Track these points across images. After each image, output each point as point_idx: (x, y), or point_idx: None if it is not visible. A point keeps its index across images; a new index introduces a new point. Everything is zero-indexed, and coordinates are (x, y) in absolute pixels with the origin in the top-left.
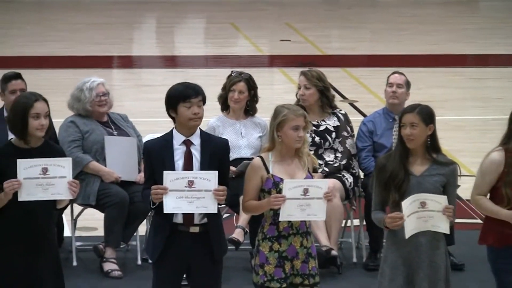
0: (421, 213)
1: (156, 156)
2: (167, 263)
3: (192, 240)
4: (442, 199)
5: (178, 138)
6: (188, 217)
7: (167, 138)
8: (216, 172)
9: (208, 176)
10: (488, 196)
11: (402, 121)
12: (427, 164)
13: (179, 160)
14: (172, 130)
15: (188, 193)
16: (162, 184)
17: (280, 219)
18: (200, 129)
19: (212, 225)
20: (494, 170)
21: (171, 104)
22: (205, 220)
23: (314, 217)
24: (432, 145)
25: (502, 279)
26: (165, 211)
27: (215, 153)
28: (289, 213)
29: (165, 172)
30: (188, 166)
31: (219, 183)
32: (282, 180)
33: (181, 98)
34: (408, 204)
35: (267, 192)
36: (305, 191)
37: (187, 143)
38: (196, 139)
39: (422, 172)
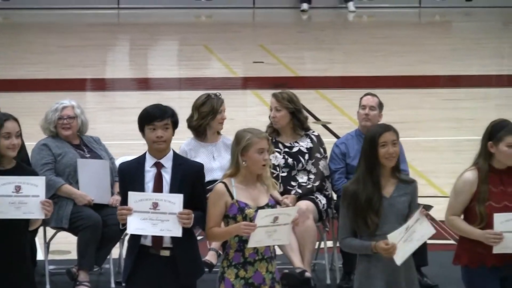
0: (405, 236)
1: (128, 178)
2: (137, 285)
3: (161, 263)
4: (416, 212)
5: (149, 161)
6: (157, 240)
7: (140, 160)
8: (181, 195)
9: (173, 199)
10: (462, 217)
11: (382, 141)
12: (393, 184)
13: (149, 183)
14: (145, 152)
15: (152, 215)
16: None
17: (249, 245)
18: (173, 151)
19: (180, 248)
20: (467, 190)
21: (139, 126)
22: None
23: (279, 241)
24: (397, 164)
25: None
26: (128, 231)
27: (187, 176)
28: (257, 239)
29: (129, 193)
30: (157, 188)
31: (194, 207)
32: (247, 205)
33: (146, 120)
34: (397, 235)
35: (231, 218)
36: (275, 218)
37: (158, 166)
38: (167, 162)
39: (391, 193)
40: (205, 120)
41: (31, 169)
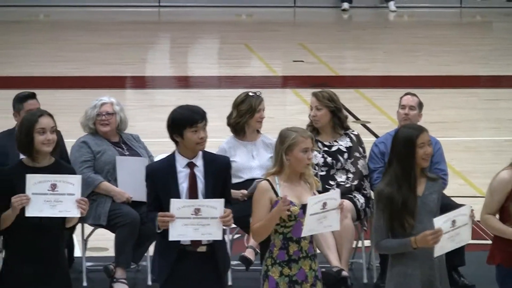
0: (451, 233)
1: (160, 179)
2: (175, 285)
3: (198, 259)
4: (466, 210)
5: (181, 161)
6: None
7: (170, 161)
8: (223, 200)
9: (215, 204)
10: (497, 216)
11: (421, 141)
12: (423, 183)
13: (183, 183)
14: (174, 152)
15: (194, 221)
16: (168, 208)
17: (303, 234)
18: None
19: (216, 243)
20: (502, 189)
21: (176, 129)
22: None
23: (330, 227)
24: None
25: None
26: (170, 238)
27: (219, 173)
28: (310, 228)
29: (172, 200)
30: (192, 188)
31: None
32: (291, 202)
33: (187, 123)
34: (442, 222)
35: None
36: (324, 204)
37: (191, 166)
38: (199, 161)
39: (423, 192)
40: (243, 118)
41: (69, 166)
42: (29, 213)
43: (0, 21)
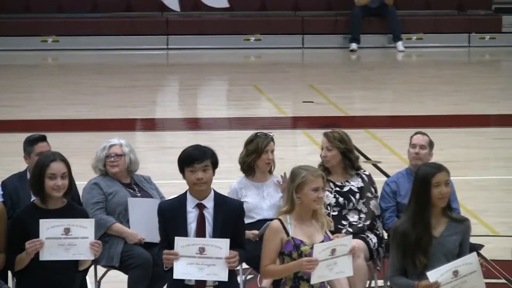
0: (454, 283)
1: (170, 218)
2: None
3: None
4: (471, 259)
5: (191, 201)
6: (200, 280)
7: (181, 201)
8: (228, 240)
9: (220, 244)
10: None
11: (435, 181)
12: (444, 223)
13: (192, 223)
14: (186, 192)
15: (199, 260)
16: (174, 247)
17: (312, 282)
18: (214, 191)
19: (223, 285)
20: None
21: (180, 168)
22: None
23: (342, 274)
24: (448, 202)
25: None
26: (174, 277)
27: (229, 216)
28: (319, 274)
29: (176, 238)
30: (200, 229)
31: (235, 245)
32: (302, 242)
33: (185, 162)
34: (439, 275)
35: (287, 255)
36: (333, 251)
37: (200, 207)
38: (209, 203)
39: (441, 233)
40: (249, 158)
41: (81, 208)
42: (43, 257)
43: (9, 65)
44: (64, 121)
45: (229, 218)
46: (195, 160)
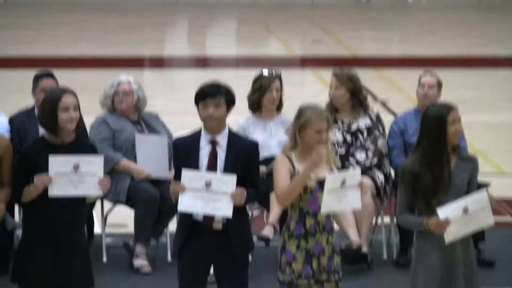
0: (464, 220)
1: (183, 154)
2: (188, 258)
3: (213, 236)
4: (481, 195)
5: (204, 137)
6: (209, 216)
7: (195, 136)
8: (235, 176)
9: (226, 179)
10: None
11: (452, 119)
12: (453, 161)
13: (204, 159)
14: (201, 128)
15: (205, 194)
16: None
17: (322, 212)
18: (229, 129)
19: (232, 222)
20: None
21: (195, 102)
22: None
23: (350, 206)
24: None
25: None
26: (179, 209)
27: (242, 154)
28: (329, 205)
29: (183, 170)
30: (212, 166)
31: (247, 184)
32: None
33: (199, 97)
34: (449, 212)
35: None
36: (343, 182)
37: (213, 143)
38: (223, 139)
39: (451, 170)
40: (254, 96)
41: (90, 143)
42: (52, 192)
43: (19, 3)
44: (73, 58)
45: (242, 156)
46: (208, 95)
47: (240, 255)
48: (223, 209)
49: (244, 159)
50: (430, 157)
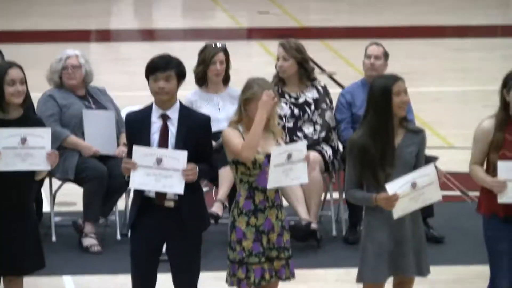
0: (412, 195)
1: (134, 128)
2: (141, 235)
3: (166, 214)
4: (429, 170)
5: (156, 112)
6: (160, 193)
7: (147, 111)
8: (186, 152)
9: (177, 155)
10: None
11: (397, 90)
12: (401, 134)
13: (155, 134)
14: (152, 103)
15: (156, 171)
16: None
17: (268, 187)
18: (180, 103)
19: (184, 200)
20: (484, 139)
21: (145, 76)
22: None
23: (297, 180)
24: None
25: (490, 247)
26: (130, 186)
27: (193, 128)
28: (276, 179)
29: (134, 147)
30: (163, 140)
31: (200, 159)
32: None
33: (149, 70)
34: (398, 187)
35: (241, 164)
36: (289, 156)
37: (164, 117)
38: (174, 114)
39: (398, 143)
40: (198, 69)
41: (37, 118)
42: None
43: None
44: (20, 33)
45: (194, 131)
46: (158, 69)
47: (193, 233)
48: (174, 186)
49: (196, 133)
50: (376, 130)
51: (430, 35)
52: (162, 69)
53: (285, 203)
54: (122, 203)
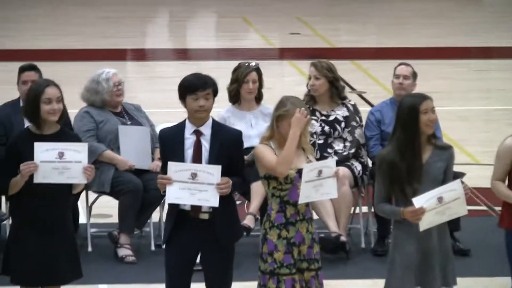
0: (439, 209)
1: (168, 144)
2: (176, 247)
3: (200, 226)
4: (456, 185)
5: (189, 128)
6: (196, 206)
7: (180, 127)
8: (220, 166)
9: (212, 170)
10: (507, 182)
11: (424, 108)
12: (429, 150)
13: (188, 149)
14: (185, 119)
15: (191, 185)
16: None
17: (300, 202)
18: (212, 119)
19: (218, 212)
20: (506, 156)
21: (180, 94)
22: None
23: (327, 195)
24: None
25: None
26: (166, 201)
27: (226, 144)
28: (307, 195)
29: (169, 163)
30: (197, 156)
31: (232, 173)
32: None
33: (188, 90)
34: (424, 201)
35: (273, 179)
36: (319, 172)
37: (197, 133)
38: (206, 130)
39: (426, 159)
40: (231, 87)
41: (74, 133)
42: (37, 180)
43: None
44: (54, 51)
45: (226, 146)
46: (198, 88)
47: (226, 244)
48: (209, 200)
49: (228, 148)
50: (404, 146)
51: (454, 56)
52: (202, 88)
53: (315, 216)
54: (157, 215)
